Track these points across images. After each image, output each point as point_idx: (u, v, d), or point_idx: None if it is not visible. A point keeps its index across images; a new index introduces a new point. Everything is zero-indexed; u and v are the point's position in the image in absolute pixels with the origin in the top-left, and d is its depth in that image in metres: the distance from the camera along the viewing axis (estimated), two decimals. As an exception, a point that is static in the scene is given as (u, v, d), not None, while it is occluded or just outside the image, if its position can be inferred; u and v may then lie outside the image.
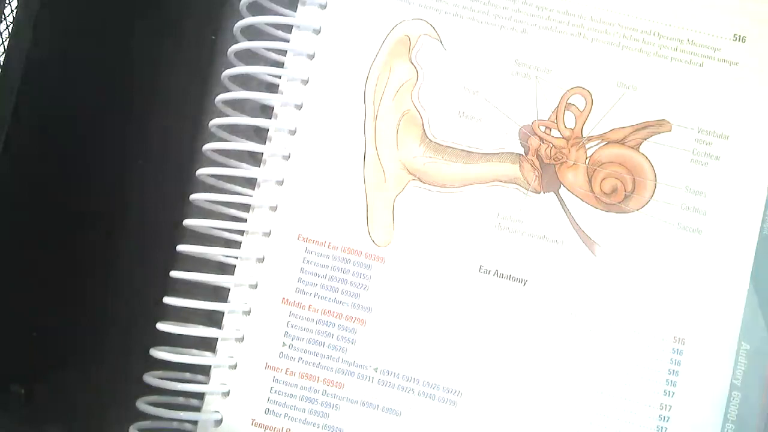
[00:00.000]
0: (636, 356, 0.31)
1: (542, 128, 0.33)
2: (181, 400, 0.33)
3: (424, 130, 0.33)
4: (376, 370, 0.32)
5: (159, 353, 0.32)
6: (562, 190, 0.32)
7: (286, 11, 0.34)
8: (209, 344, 0.33)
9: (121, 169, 0.37)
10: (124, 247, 0.37)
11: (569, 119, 0.33)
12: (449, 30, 0.33)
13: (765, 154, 0.32)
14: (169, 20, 0.37)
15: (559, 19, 0.33)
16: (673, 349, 0.31)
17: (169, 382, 0.32)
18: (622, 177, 0.32)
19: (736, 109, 0.32)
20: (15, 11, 0.30)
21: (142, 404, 0.32)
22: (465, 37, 0.33)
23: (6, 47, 0.30)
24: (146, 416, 0.32)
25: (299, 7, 0.34)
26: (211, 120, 0.34)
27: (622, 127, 0.32)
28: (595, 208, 0.32)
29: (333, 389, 0.32)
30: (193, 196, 0.33)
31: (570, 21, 0.33)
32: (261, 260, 0.33)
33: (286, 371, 0.32)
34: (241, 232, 0.33)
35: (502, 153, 0.33)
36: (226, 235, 0.34)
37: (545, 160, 0.32)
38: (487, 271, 0.32)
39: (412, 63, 0.33)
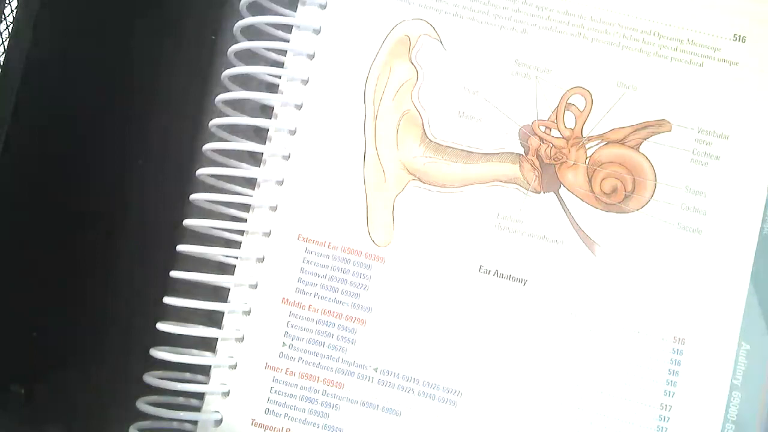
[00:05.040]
0: (636, 356, 0.31)
1: (542, 128, 0.33)
2: (181, 400, 0.33)
3: (424, 130, 0.33)
4: (376, 370, 0.32)
5: (159, 353, 0.32)
6: (562, 190, 0.32)
7: (286, 11, 0.34)
8: (209, 344, 0.33)
9: (121, 169, 0.37)
10: (124, 247, 0.37)
11: (569, 119, 0.33)
12: (449, 30, 0.33)
13: (765, 154, 0.32)
14: (169, 20, 0.37)
15: (559, 19, 0.33)
16: (673, 349, 0.31)
17: (169, 382, 0.32)
18: (622, 177, 0.32)
19: (736, 109, 0.32)
20: (15, 11, 0.30)
21: (142, 404, 0.32)
22: (465, 37, 0.33)
23: (6, 47, 0.30)
24: (146, 416, 0.32)
25: (299, 7, 0.34)
26: (211, 120, 0.34)
27: (622, 127, 0.32)
28: (595, 208, 0.32)
29: (333, 389, 0.32)
30: (193, 196, 0.33)
31: (570, 21, 0.33)
32: (261, 260, 0.33)
33: (286, 371, 0.32)
34: (241, 232, 0.33)
35: (502, 153, 0.33)
36: (226, 235, 0.34)
37: (545, 160, 0.32)
38: (487, 271, 0.32)
39: (412, 63, 0.33)
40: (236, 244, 0.34)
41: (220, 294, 0.34)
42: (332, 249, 0.33)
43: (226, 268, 0.34)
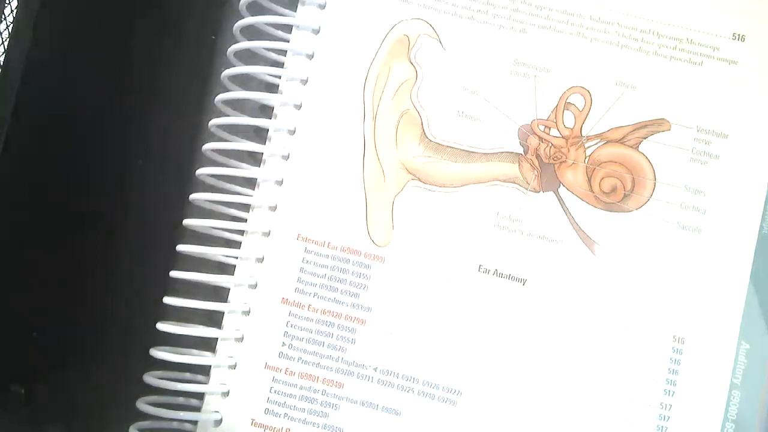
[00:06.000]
0: (636, 356, 0.31)
1: (541, 127, 0.33)
2: (181, 400, 0.33)
3: (424, 130, 0.33)
4: (375, 369, 0.32)
5: (159, 353, 0.32)
6: (562, 190, 0.32)
7: (286, 11, 0.34)
8: (209, 344, 0.33)
9: (121, 169, 0.37)
10: (124, 247, 0.37)
11: (568, 118, 0.33)
12: (448, 30, 0.33)
13: (764, 152, 0.32)
14: (169, 20, 0.37)
15: (558, 19, 0.33)
16: (672, 348, 0.31)
17: (169, 382, 0.32)
18: (622, 176, 0.32)
19: (735, 108, 0.32)
20: (15, 11, 0.30)
21: (142, 404, 0.32)
22: (464, 37, 0.33)
23: (6, 47, 0.30)
24: (146, 416, 0.32)
25: (299, 7, 0.34)
26: (211, 120, 0.34)
27: (622, 126, 0.32)
28: (595, 207, 0.32)
29: (333, 389, 0.32)
30: (193, 196, 0.34)
31: (569, 20, 0.33)
32: (261, 260, 0.33)
33: (286, 371, 0.32)
34: (240, 232, 0.33)
35: (502, 152, 0.33)
36: (226, 235, 0.34)
37: (544, 159, 0.32)
38: (487, 271, 0.32)
39: (411, 63, 0.33)
40: (236, 244, 0.34)
41: (220, 294, 0.34)
42: (332, 249, 0.33)
43: (226, 268, 0.34)
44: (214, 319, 0.33)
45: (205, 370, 0.33)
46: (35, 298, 0.33)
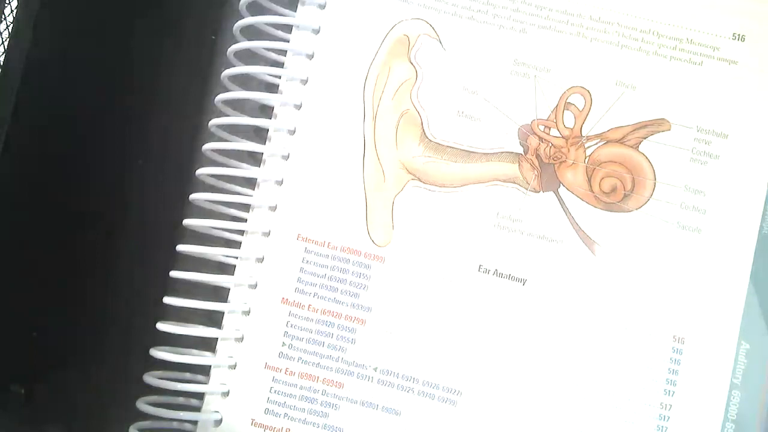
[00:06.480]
0: (636, 356, 0.31)
1: (541, 127, 0.33)
2: (181, 400, 0.33)
3: (424, 130, 0.33)
4: (375, 369, 0.32)
5: (159, 353, 0.32)
6: (562, 190, 0.32)
7: (286, 11, 0.34)
8: (209, 344, 0.33)
9: (121, 169, 0.37)
10: (124, 247, 0.37)
11: (568, 118, 0.33)
12: (448, 30, 0.33)
13: (764, 152, 0.32)
14: (169, 20, 0.37)
15: (558, 19, 0.33)
16: (672, 348, 0.31)
17: (169, 382, 0.32)
18: (622, 176, 0.32)
19: (735, 108, 0.32)
20: (15, 11, 0.30)
21: (142, 404, 0.32)
22: (464, 37, 0.33)
23: (6, 47, 0.30)
24: (146, 416, 0.32)
25: (299, 7, 0.34)
26: (211, 120, 0.34)
27: (622, 126, 0.32)
28: (595, 207, 0.32)
29: (333, 389, 0.32)
30: (193, 196, 0.34)
31: (569, 20, 0.33)
32: (261, 260, 0.33)
33: (286, 371, 0.32)
34: (240, 232, 0.33)
35: (502, 152, 0.33)
36: (226, 235, 0.34)
37: (544, 159, 0.32)
38: (487, 271, 0.32)
39: (412, 63, 0.33)
40: (236, 244, 0.34)
41: (220, 294, 0.34)
42: (332, 249, 0.33)
43: (226, 268, 0.34)
44: (214, 319, 0.33)
45: (205, 370, 0.33)
46: (35, 298, 0.33)
